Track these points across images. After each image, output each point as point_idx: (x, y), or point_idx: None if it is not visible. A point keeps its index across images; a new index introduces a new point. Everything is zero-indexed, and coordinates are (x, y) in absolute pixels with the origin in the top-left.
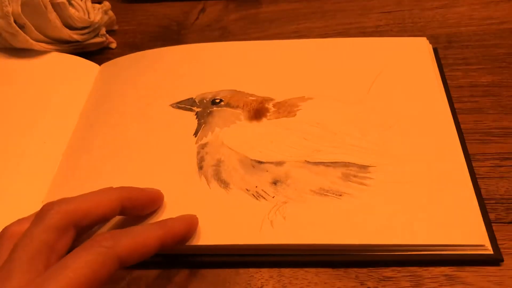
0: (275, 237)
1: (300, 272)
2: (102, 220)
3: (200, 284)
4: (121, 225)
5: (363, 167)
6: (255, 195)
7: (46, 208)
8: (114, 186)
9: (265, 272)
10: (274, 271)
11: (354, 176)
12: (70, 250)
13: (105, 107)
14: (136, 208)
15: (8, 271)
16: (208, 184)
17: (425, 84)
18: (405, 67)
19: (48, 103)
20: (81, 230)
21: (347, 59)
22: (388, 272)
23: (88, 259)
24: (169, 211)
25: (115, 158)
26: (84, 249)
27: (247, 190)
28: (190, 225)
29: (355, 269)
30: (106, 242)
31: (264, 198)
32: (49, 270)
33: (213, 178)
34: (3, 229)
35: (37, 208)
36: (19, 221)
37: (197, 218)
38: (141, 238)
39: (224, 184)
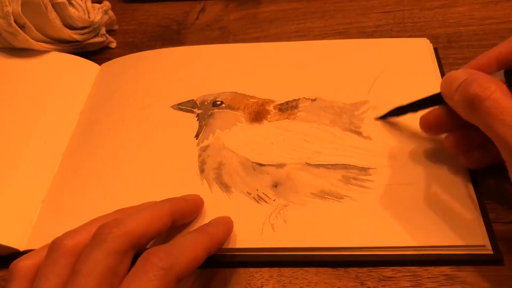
0: (276, 240)
1: (300, 272)
2: (157, 236)
3: (200, 284)
4: None
5: (363, 169)
6: (256, 198)
7: (106, 231)
8: (117, 187)
9: (265, 272)
10: (274, 271)
11: (354, 178)
12: None
13: (105, 107)
14: (184, 218)
15: None
16: (209, 188)
17: (426, 85)
18: (406, 67)
19: (48, 103)
20: (138, 250)
21: (348, 60)
22: (388, 272)
23: (151, 286)
24: None
25: (115, 159)
26: (145, 274)
27: (248, 193)
28: (229, 229)
29: (355, 269)
30: (163, 264)
31: (265, 201)
32: None
33: (214, 181)
34: (56, 242)
35: (37, 208)
36: (72, 235)
37: (231, 220)
38: (193, 253)
39: (226, 187)
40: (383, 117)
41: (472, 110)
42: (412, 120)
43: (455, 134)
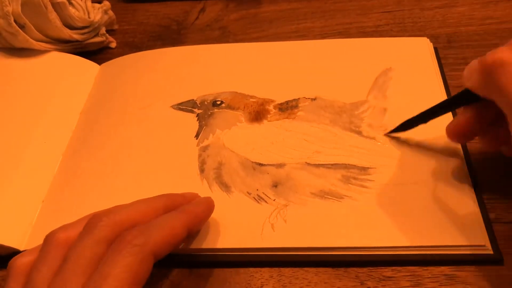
0: (276, 240)
1: (300, 272)
2: None
3: (200, 284)
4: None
5: (363, 169)
6: (256, 198)
7: (95, 220)
8: (117, 187)
9: (265, 272)
10: (274, 271)
11: (354, 178)
12: None
13: (105, 107)
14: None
15: (62, 284)
16: (209, 188)
17: (426, 84)
18: (407, 67)
19: (48, 103)
20: None
21: (348, 59)
22: (388, 272)
23: (125, 262)
24: None
25: (115, 159)
26: (119, 252)
27: (248, 193)
28: (209, 207)
29: (355, 269)
30: (137, 240)
31: (265, 201)
32: (90, 281)
33: (214, 181)
34: (49, 235)
35: (37, 208)
36: (65, 228)
37: (212, 199)
38: (169, 229)
39: (226, 187)
40: (393, 132)
41: (491, 75)
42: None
43: (488, 135)
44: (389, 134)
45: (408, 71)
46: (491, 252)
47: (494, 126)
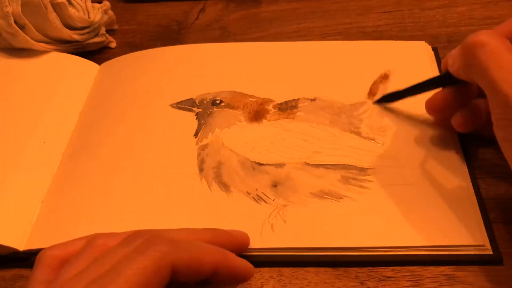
0: (275, 240)
1: (300, 272)
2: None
3: (199, 284)
4: None
5: (363, 170)
6: (255, 198)
7: (137, 236)
8: (116, 186)
9: (265, 272)
10: (274, 271)
11: (354, 179)
12: None
13: (105, 107)
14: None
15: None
16: (209, 187)
17: None
18: (405, 70)
19: (48, 103)
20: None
21: (347, 61)
22: (388, 272)
23: (142, 265)
24: (170, 214)
25: (114, 158)
26: (140, 252)
27: (248, 193)
28: (246, 271)
29: (355, 269)
30: (162, 247)
31: (265, 201)
32: (102, 276)
33: (214, 181)
34: (91, 239)
35: (37, 208)
36: (107, 236)
37: (252, 268)
38: (199, 255)
39: (225, 187)
40: (381, 101)
41: (472, 56)
42: (411, 119)
43: (460, 113)
44: (377, 102)
45: (406, 74)
46: (491, 252)
47: (469, 107)
